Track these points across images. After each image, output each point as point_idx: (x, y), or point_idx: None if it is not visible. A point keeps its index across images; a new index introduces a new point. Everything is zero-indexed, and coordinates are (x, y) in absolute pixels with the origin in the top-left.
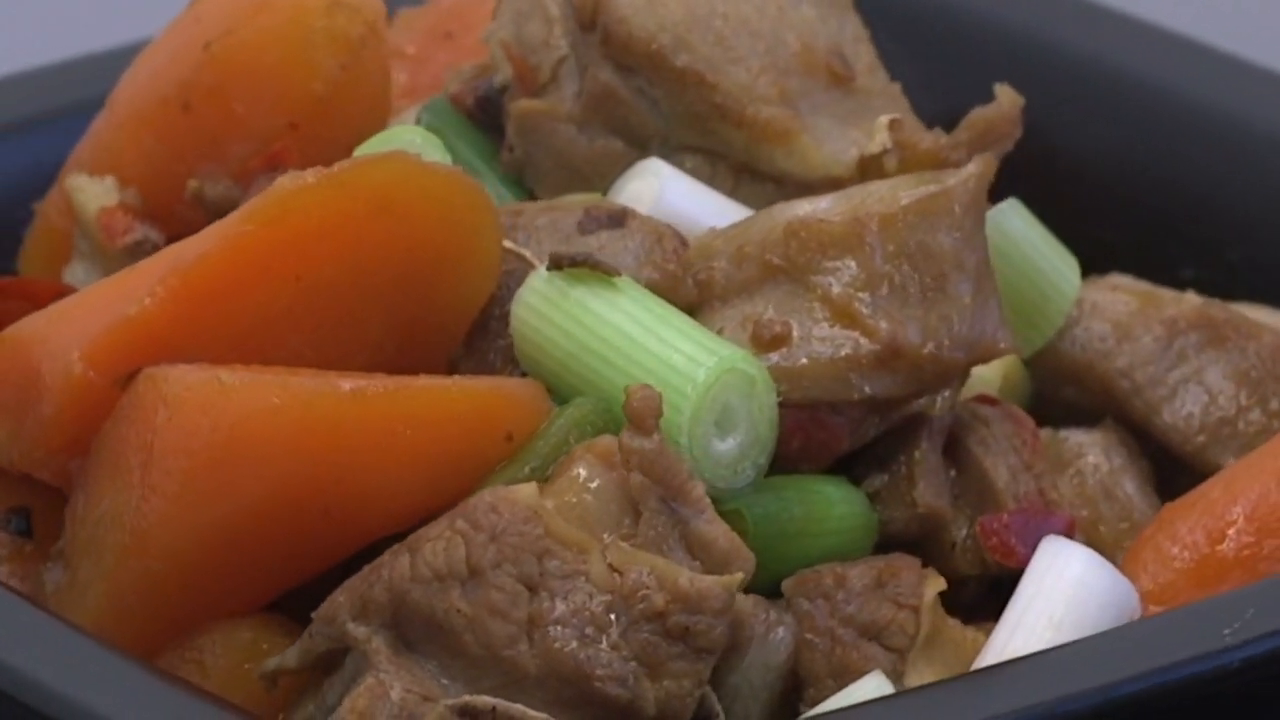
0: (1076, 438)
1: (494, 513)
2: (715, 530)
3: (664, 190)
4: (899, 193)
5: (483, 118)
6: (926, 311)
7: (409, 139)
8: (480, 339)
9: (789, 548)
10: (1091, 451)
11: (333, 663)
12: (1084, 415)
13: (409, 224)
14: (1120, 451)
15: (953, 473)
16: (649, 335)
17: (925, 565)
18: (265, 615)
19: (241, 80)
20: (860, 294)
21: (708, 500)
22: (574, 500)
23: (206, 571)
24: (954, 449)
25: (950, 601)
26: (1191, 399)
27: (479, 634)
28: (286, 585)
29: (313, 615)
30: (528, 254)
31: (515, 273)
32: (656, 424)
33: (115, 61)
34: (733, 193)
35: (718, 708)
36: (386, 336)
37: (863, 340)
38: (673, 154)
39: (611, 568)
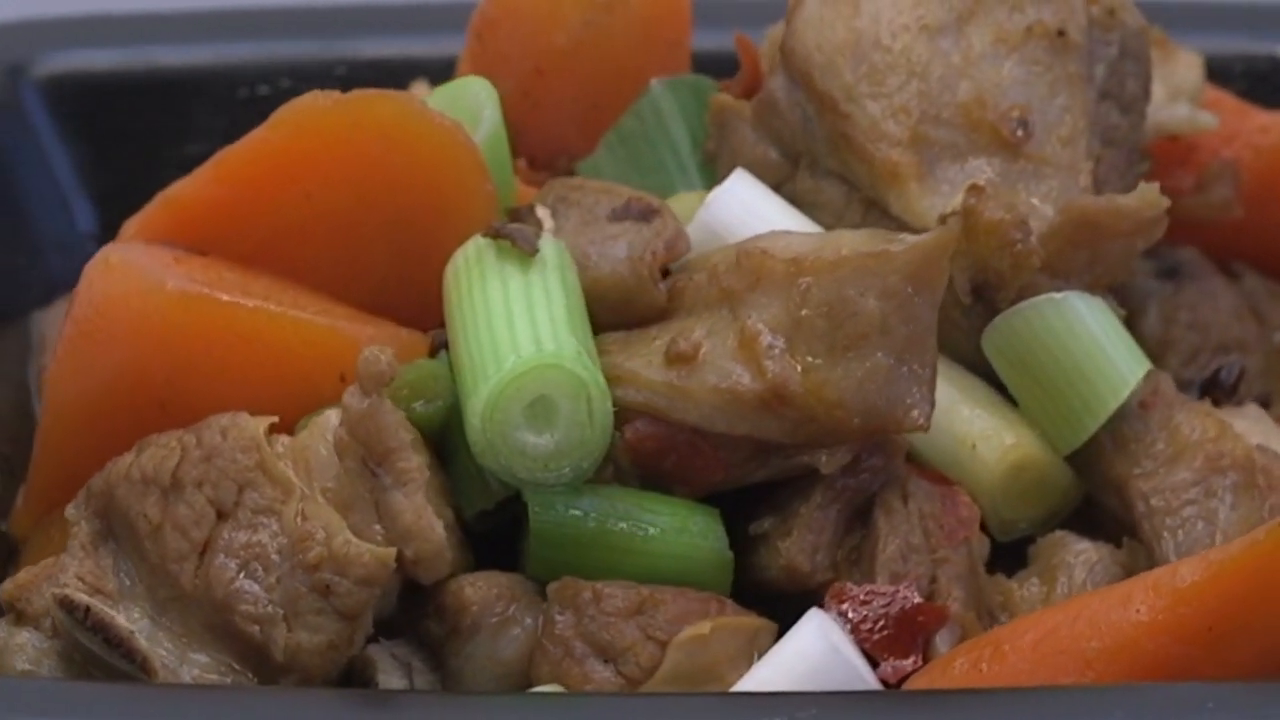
0: (1075, 546)
1: (220, 435)
2: (406, 505)
3: (716, 195)
4: (846, 245)
5: None
6: (831, 367)
7: (473, 90)
8: None
9: (593, 557)
10: (1075, 561)
11: None
12: (1124, 527)
13: (409, 164)
14: (1111, 570)
15: (861, 536)
16: (503, 316)
17: None
18: None
19: (509, 19)
20: (768, 333)
21: (416, 474)
22: (309, 444)
23: (77, 440)
24: (868, 514)
25: None
26: (1195, 536)
27: (156, 543)
28: None
29: None
30: (549, 222)
31: None
32: (378, 387)
33: None
34: (858, 226)
35: (377, 680)
36: (390, 274)
37: (747, 378)
38: (816, 176)
39: (301, 514)
